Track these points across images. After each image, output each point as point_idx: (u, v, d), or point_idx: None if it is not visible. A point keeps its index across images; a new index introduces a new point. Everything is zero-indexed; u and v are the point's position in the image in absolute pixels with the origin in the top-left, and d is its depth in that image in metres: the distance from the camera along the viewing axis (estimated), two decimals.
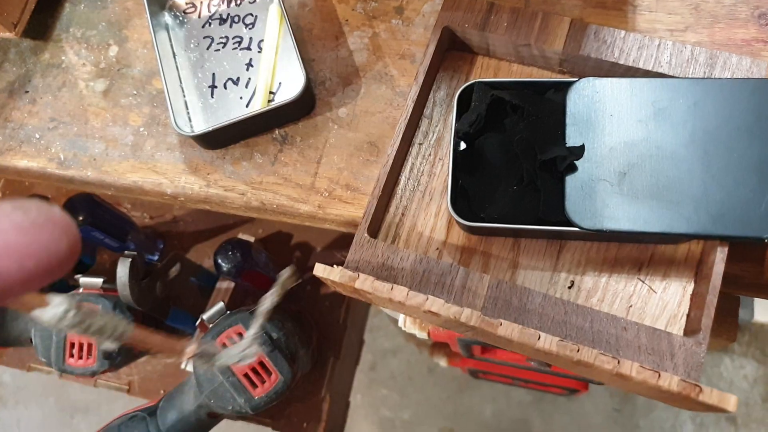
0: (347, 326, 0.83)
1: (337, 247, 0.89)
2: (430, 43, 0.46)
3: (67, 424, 1.44)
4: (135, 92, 0.53)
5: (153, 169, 0.50)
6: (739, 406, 1.26)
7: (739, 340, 1.32)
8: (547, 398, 1.31)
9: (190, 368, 0.79)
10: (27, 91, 0.54)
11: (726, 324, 0.52)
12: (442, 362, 0.97)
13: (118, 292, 0.60)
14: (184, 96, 0.51)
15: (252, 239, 0.78)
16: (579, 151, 0.40)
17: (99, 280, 0.63)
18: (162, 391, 0.84)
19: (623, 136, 0.40)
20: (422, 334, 0.65)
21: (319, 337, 0.81)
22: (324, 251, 0.89)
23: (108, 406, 1.44)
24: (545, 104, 0.43)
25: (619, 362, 0.34)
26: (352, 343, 0.90)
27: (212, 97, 0.51)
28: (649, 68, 0.43)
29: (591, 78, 0.42)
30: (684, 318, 0.40)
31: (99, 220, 0.71)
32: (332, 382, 0.81)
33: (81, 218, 0.69)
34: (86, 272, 0.83)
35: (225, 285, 0.81)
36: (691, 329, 0.39)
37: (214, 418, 0.64)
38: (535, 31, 0.45)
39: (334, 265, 0.39)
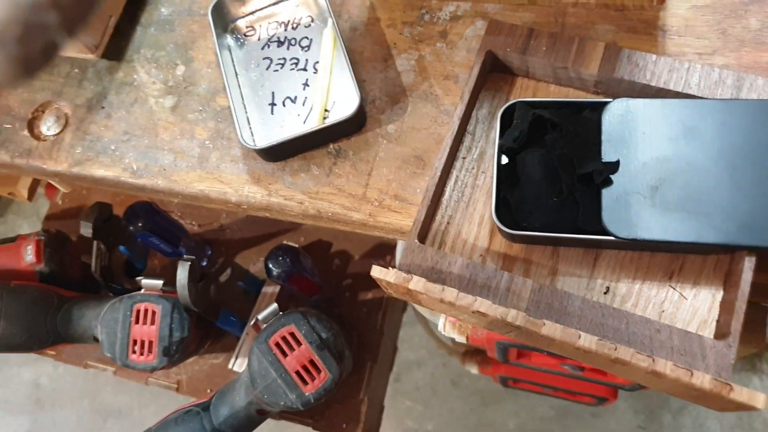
0: (384, 332, 0.87)
1: (374, 255, 0.93)
2: (474, 66, 0.50)
3: (100, 428, 1.49)
4: (201, 108, 0.58)
5: (218, 179, 0.55)
6: None
7: None
8: (572, 414, 1.32)
9: (236, 368, 0.83)
10: (103, 107, 0.60)
11: (755, 332, 0.55)
12: (474, 369, 0.99)
13: (177, 293, 0.65)
14: (246, 113, 0.56)
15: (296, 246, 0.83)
16: (614, 166, 0.43)
17: (159, 282, 0.68)
18: (209, 390, 0.88)
19: (655, 153, 0.43)
20: (461, 338, 0.68)
21: (358, 341, 0.85)
22: (361, 259, 0.93)
23: (139, 411, 1.49)
24: (582, 122, 0.46)
25: (654, 360, 0.38)
26: (388, 349, 0.94)
27: (272, 114, 0.55)
28: (679, 90, 0.46)
29: (625, 98, 0.45)
30: (714, 323, 0.43)
31: (156, 227, 0.76)
32: (370, 385, 0.84)
33: (140, 224, 0.74)
34: (140, 275, 0.88)
35: (270, 289, 0.85)
36: (721, 333, 0.41)
37: (262, 414, 0.68)
38: (572, 55, 0.49)
39: (390, 267, 0.42)
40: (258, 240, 0.95)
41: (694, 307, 0.43)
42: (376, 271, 0.42)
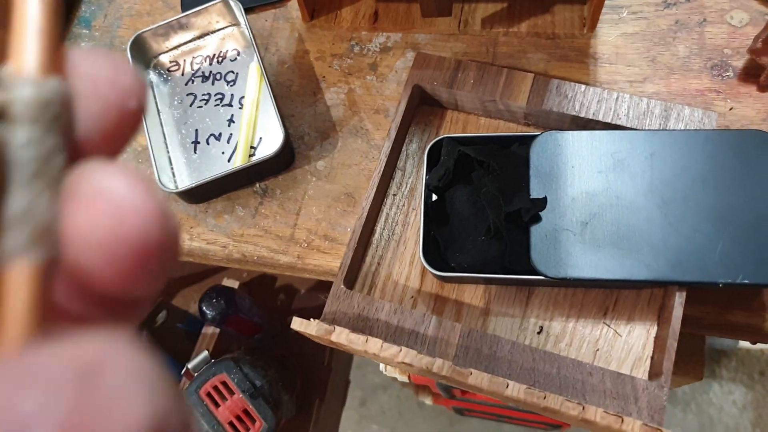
0: (332, 368, 0.84)
1: (321, 289, 0.90)
2: (401, 101, 0.48)
3: None
4: None
5: None
6: None
7: (727, 366, 1.33)
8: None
9: None
10: None
11: (692, 363, 0.54)
12: (428, 401, 0.97)
13: None
14: (168, 152, 0.53)
15: (236, 284, 0.80)
16: (542, 203, 0.42)
17: None
18: None
19: (584, 187, 0.42)
20: (403, 378, 0.66)
21: (304, 380, 0.82)
22: (307, 293, 0.90)
23: None
24: (510, 158, 0.45)
25: (584, 408, 0.36)
26: (337, 384, 0.91)
27: (195, 152, 0.53)
28: (609, 120, 0.46)
29: (552, 132, 0.44)
30: (648, 360, 0.41)
31: None
32: (318, 424, 0.81)
33: None
34: None
35: (211, 330, 0.82)
36: (655, 372, 0.40)
37: None
38: (500, 88, 0.48)
39: (311, 319, 0.40)
40: (198, 277, 0.91)
41: (628, 344, 0.42)
42: (297, 324, 0.40)
